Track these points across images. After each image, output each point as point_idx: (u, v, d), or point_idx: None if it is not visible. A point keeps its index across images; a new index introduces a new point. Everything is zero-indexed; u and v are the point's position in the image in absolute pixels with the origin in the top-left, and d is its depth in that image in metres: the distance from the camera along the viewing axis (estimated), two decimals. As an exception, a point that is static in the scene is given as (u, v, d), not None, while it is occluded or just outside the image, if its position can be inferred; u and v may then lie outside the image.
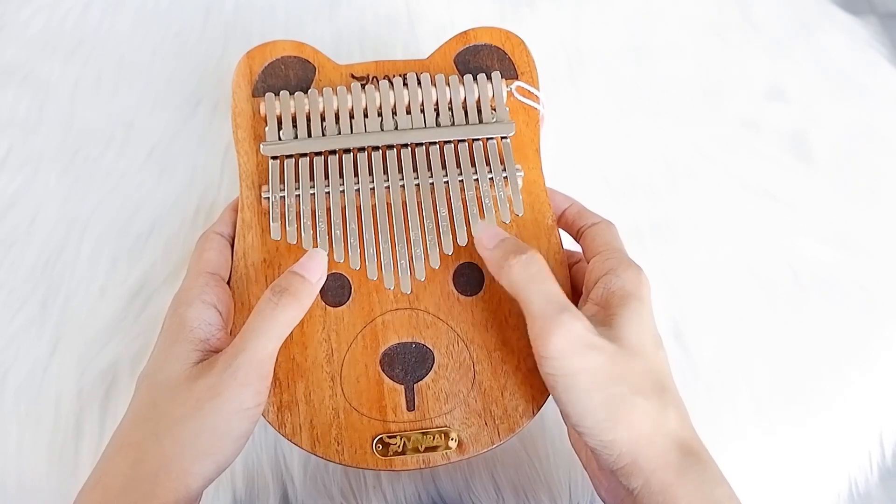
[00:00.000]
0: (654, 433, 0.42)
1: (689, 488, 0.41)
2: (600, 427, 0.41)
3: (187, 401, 0.42)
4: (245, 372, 0.42)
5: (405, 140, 0.53)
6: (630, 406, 0.41)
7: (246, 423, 0.43)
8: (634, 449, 0.41)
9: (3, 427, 0.57)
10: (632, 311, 0.44)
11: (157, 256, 0.64)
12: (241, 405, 0.42)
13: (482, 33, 0.58)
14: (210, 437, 0.42)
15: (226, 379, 0.42)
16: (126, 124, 0.70)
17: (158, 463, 0.41)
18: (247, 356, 0.42)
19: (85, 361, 0.59)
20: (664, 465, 0.41)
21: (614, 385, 0.41)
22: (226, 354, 0.43)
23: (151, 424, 0.42)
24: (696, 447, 0.43)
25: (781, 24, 0.83)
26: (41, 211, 0.65)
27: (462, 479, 0.57)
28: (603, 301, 0.45)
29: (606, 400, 0.41)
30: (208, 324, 0.46)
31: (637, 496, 0.41)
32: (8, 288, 0.62)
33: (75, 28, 0.76)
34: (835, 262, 0.67)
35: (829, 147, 0.74)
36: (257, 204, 0.52)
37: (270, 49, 0.56)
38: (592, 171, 0.71)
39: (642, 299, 0.45)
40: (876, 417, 0.64)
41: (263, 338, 0.43)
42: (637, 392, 0.42)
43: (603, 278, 0.46)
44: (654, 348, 0.45)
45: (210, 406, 0.41)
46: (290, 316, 0.45)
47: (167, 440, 0.41)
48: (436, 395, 0.47)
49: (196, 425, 0.41)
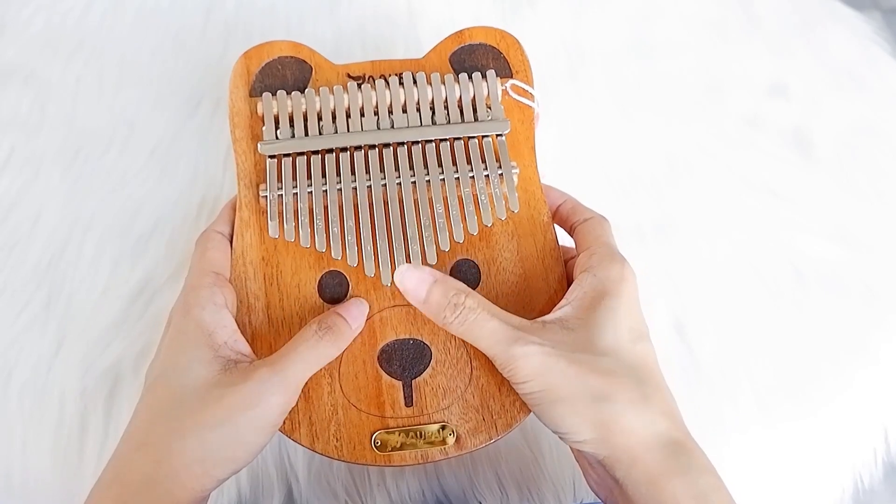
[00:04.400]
0: (628, 428, 0.42)
1: (673, 478, 0.41)
2: (571, 432, 0.43)
3: (217, 407, 0.42)
4: (283, 390, 0.44)
5: (401, 138, 0.53)
6: (595, 410, 0.42)
7: (267, 437, 0.44)
8: (609, 445, 0.42)
9: (7, 426, 0.57)
10: (604, 311, 0.45)
11: (159, 256, 0.64)
12: (271, 420, 0.44)
13: (477, 33, 0.58)
14: (235, 445, 0.43)
15: (263, 393, 0.43)
16: (127, 124, 0.70)
17: (181, 463, 0.41)
18: (286, 375, 0.44)
19: (88, 361, 0.59)
20: (645, 456, 0.42)
21: (576, 394, 0.43)
22: (265, 369, 0.44)
23: (175, 425, 0.42)
24: (681, 437, 0.43)
25: (783, 20, 0.83)
26: (43, 211, 0.65)
27: (466, 476, 0.57)
28: (577, 301, 0.46)
29: (571, 409, 0.43)
30: (224, 327, 0.46)
31: (623, 485, 0.42)
32: (11, 288, 0.62)
33: (76, 28, 0.76)
34: (837, 257, 0.67)
35: (831, 143, 0.74)
36: (255, 202, 0.52)
37: (267, 49, 0.57)
38: (594, 169, 0.71)
39: (618, 295, 0.46)
40: (880, 413, 0.64)
41: (302, 364, 0.45)
42: (603, 392, 0.43)
43: (580, 276, 0.47)
44: (630, 343, 0.45)
45: (242, 416, 0.42)
46: (329, 352, 0.46)
47: (192, 441, 0.42)
48: (434, 391, 0.48)
49: (226, 432, 0.42)
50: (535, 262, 0.51)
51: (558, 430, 0.44)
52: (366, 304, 0.49)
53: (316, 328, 0.46)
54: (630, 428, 0.42)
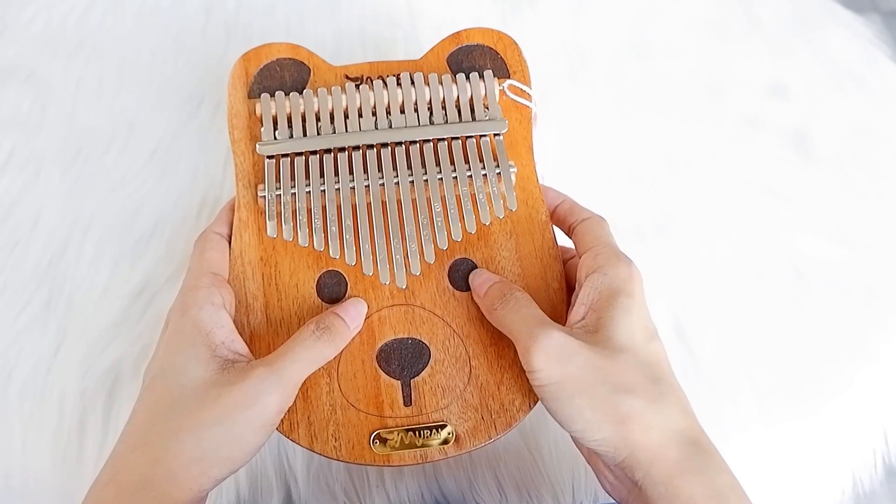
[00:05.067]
0: (647, 426, 0.42)
1: (690, 477, 0.41)
2: (589, 429, 0.42)
3: (215, 407, 0.42)
4: (281, 390, 0.44)
5: (399, 138, 0.53)
6: (615, 404, 0.42)
7: (264, 436, 0.44)
8: (628, 443, 0.42)
9: (7, 426, 0.58)
10: (619, 309, 0.45)
11: (159, 256, 0.64)
12: (268, 420, 0.44)
13: (474, 34, 0.58)
14: (232, 444, 0.43)
15: (260, 393, 0.43)
16: (128, 124, 0.70)
17: (179, 463, 0.41)
18: (283, 375, 0.44)
19: (88, 361, 0.59)
20: (663, 456, 0.41)
21: (597, 386, 0.42)
22: (262, 369, 0.44)
23: (173, 425, 0.42)
24: (698, 436, 0.43)
25: (783, 22, 0.83)
26: (43, 211, 0.65)
27: (465, 477, 0.57)
28: (591, 302, 0.46)
29: (591, 402, 0.42)
30: (221, 327, 0.46)
31: (641, 487, 0.42)
32: (11, 288, 0.62)
33: (77, 28, 0.76)
34: (837, 257, 0.67)
35: (830, 144, 0.74)
36: (254, 203, 0.52)
37: (266, 51, 0.57)
38: (594, 169, 0.71)
39: (631, 294, 0.46)
40: (880, 414, 0.64)
41: (300, 363, 0.45)
42: (622, 389, 0.42)
43: (590, 277, 0.47)
44: (644, 342, 0.45)
45: (240, 416, 0.42)
46: (326, 352, 0.47)
47: (190, 441, 0.42)
48: (432, 391, 0.48)
49: (223, 431, 0.42)
50: (533, 260, 0.51)
51: (575, 426, 0.43)
52: (364, 303, 0.49)
53: (314, 328, 0.46)
54: (650, 425, 0.42)
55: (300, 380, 0.45)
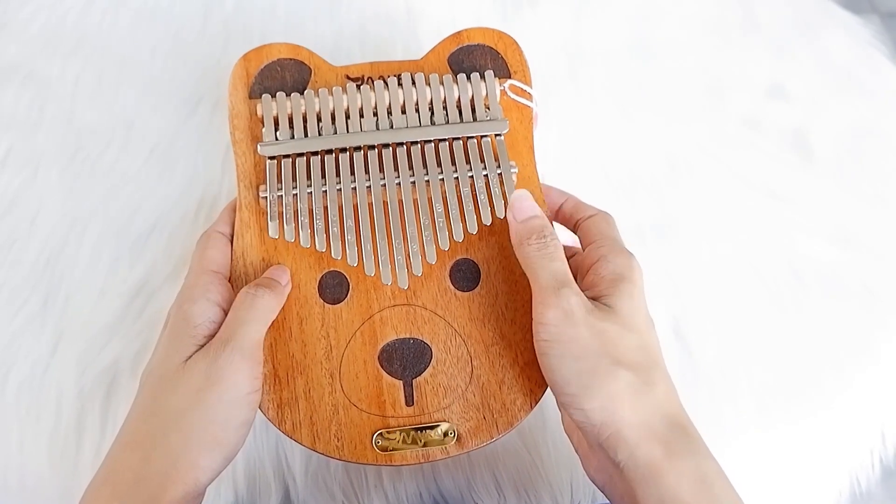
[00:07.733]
0: (638, 405, 0.42)
1: (675, 462, 0.41)
2: (582, 394, 0.43)
3: (187, 392, 0.43)
4: (239, 358, 0.44)
5: (400, 139, 0.53)
6: (612, 377, 0.42)
7: (246, 410, 0.44)
8: (616, 419, 0.42)
9: (4, 425, 0.57)
10: (623, 292, 0.45)
11: (157, 255, 0.64)
12: (240, 391, 0.44)
13: (475, 34, 0.58)
14: (213, 427, 0.43)
15: (221, 366, 0.43)
16: (126, 123, 0.70)
17: (168, 458, 0.42)
18: (238, 342, 0.44)
19: (86, 360, 0.59)
20: (649, 437, 0.42)
21: (600, 356, 0.43)
22: (215, 344, 0.44)
23: (157, 420, 0.43)
24: (684, 422, 0.43)
25: (783, 23, 0.83)
26: (42, 210, 0.65)
27: (463, 477, 0.57)
28: (594, 286, 0.46)
29: (590, 368, 0.43)
30: (211, 321, 0.46)
31: (623, 469, 0.42)
32: (9, 287, 0.62)
33: (76, 27, 0.76)
34: (836, 259, 0.67)
35: (830, 145, 0.74)
36: (255, 203, 0.52)
37: (266, 52, 0.57)
38: (594, 169, 0.71)
39: (634, 282, 0.46)
40: (878, 415, 0.64)
41: (249, 325, 0.45)
42: (622, 364, 0.43)
43: (594, 265, 0.47)
44: (646, 327, 0.46)
45: (210, 395, 0.43)
46: (269, 303, 0.47)
47: (174, 434, 0.42)
48: (434, 391, 0.48)
49: (199, 415, 0.42)
50: None
51: (569, 388, 0.43)
52: (283, 266, 0.50)
53: (247, 289, 0.47)
54: (641, 404, 0.42)
55: (257, 342, 0.46)
